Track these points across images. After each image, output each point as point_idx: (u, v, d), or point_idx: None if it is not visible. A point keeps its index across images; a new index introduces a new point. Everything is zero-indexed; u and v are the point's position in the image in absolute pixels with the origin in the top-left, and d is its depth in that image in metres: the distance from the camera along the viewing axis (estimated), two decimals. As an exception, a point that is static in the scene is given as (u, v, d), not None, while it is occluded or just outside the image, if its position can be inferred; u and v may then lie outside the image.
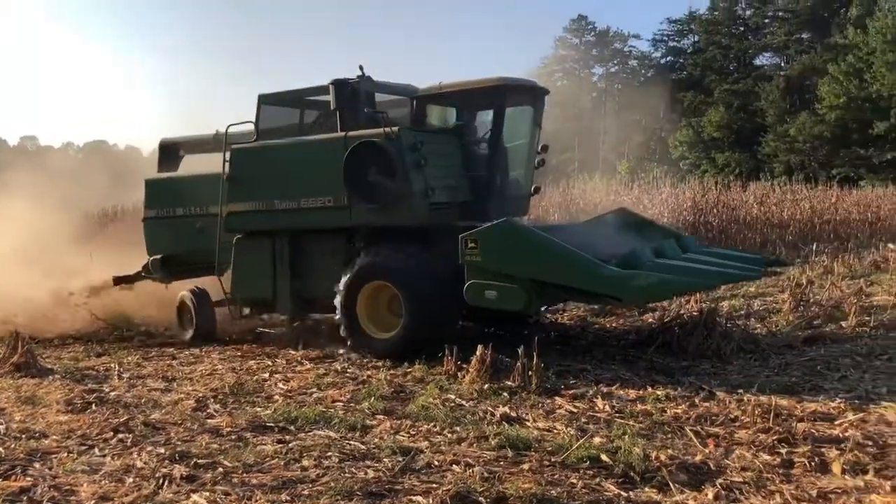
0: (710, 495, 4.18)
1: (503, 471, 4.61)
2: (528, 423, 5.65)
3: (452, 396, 6.42)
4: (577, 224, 10.11)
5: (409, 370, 7.55)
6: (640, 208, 18.43)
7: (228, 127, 9.79)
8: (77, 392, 7.03)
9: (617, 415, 5.81)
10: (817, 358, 7.39)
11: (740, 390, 6.22)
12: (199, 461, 4.91)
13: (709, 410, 5.79)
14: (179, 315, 10.38)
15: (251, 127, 9.56)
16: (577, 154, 45.94)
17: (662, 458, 4.66)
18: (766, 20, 51.10)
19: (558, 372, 7.12)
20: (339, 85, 8.61)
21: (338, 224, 8.73)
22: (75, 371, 8.19)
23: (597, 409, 6.00)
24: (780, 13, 50.02)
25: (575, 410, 5.98)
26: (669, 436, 5.29)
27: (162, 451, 5.13)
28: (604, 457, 4.72)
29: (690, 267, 7.81)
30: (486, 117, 9.04)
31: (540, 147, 9.47)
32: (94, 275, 11.84)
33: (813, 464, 4.59)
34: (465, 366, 7.06)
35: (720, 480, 4.36)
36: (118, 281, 11.43)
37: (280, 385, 7.22)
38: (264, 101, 9.60)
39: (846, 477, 4.39)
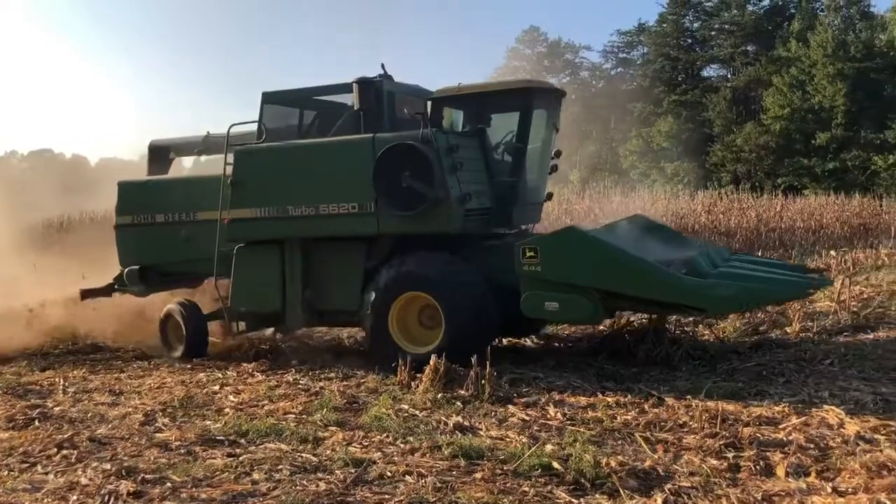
0: (660, 501, 4.24)
1: (456, 480, 4.62)
2: (481, 432, 5.68)
3: (406, 407, 6.41)
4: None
5: (363, 381, 7.52)
6: (591, 217, 18.71)
7: (231, 127, 9.13)
8: (19, 408, 6.86)
9: (568, 422, 5.87)
10: (763, 363, 7.54)
11: (688, 396, 6.33)
12: (147, 476, 4.82)
13: (658, 416, 5.88)
14: (164, 330, 9.48)
15: (253, 127, 9.01)
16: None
17: (613, 464, 4.71)
18: (713, 33, 52.14)
19: (511, 380, 7.15)
20: (364, 84, 8.21)
21: (363, 232, 8.19)
22: (17, 386, 7.96)
23: (549, 416, 6.05)
24: (726, 26, 51.09)
25: (527, 418, 6.02)
26: (620, 442, 5.36)
27: (108, 466, 5.02)
28: (555, 464, 4.76)
29: (762, 276, 7.59)
30: (499, 121, 8.69)
31: (554, 152, 9.20)
32: (38, 287, 11.46)
33: (758, 467, 4.69)
34: (418, 375, 7.06)
35: (669, 486, 4.43)
36: (87, 294, 10.50)
37: (231, 397, 7.13)
38: (268, 99, 9.05)
39: (790, 480, 4.50)
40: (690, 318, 9.40)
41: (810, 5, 46.43)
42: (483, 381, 6.63)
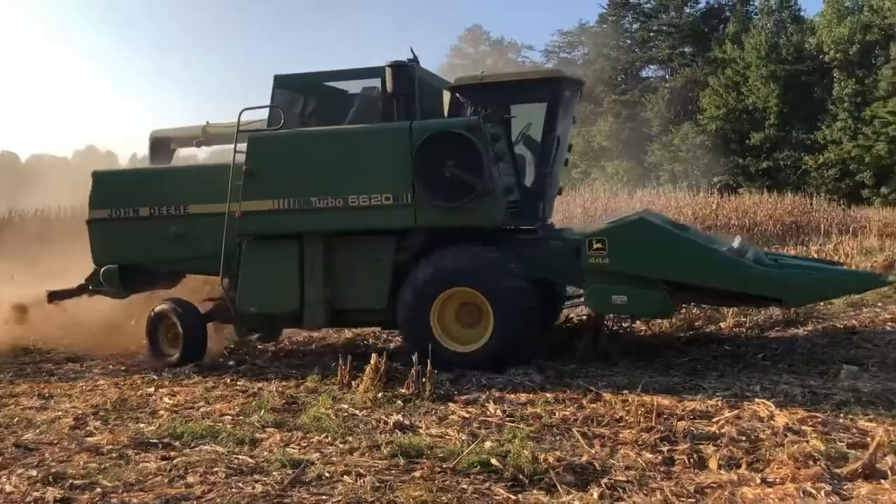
0: (596, 495, 4.28)
1: (395, 479, 4.59)
2: (421, 431, 5.66)
3: (345, 406, 6.35)
4: None
5: (302, 381, 7.43)
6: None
7: (242, 112, 8.45)
8: (-60, 414, 6.58)
9: (508, 419, 5.89)
10: (697, 358, 7.72)
11: (625, 391, 6.41)
12: (76, 482, 4.68)
13: (596, 412, 5.95)
14: (153, 334, 8.66)
15: (262, 114, 8.49)
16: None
17: (550, 460, 4.75)
18: (652, 34, 53.14)
19: (453, 378, 7.16)
20: (399, 68, 7.80)
21: (398, 225, 7.72)
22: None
23: (489, 413, 6.06)
24: (665, 28, 52.14)
25: (467, 416, 6.02)
26: (558, 438, 5.41)
27: (34, 473, 4.85)
28: (494, 461, 4.77)
29: (827, 268, 7.59)
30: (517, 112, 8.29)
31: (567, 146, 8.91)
32: None
33: (692, 460, 4.78)
34: (359, 375, 7.02)
35: (605, 480, 4.48)
36: (54, 296, 9.60)
37: (166, 399, 6.96)
38: (280, 83, 8.50)
39: (721, 472, 4.60)
40: (627, 315, 9.55)
41: (745, 8, 47.77)
42: (424, 380, 6.62)
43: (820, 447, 4.79)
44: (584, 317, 8.71)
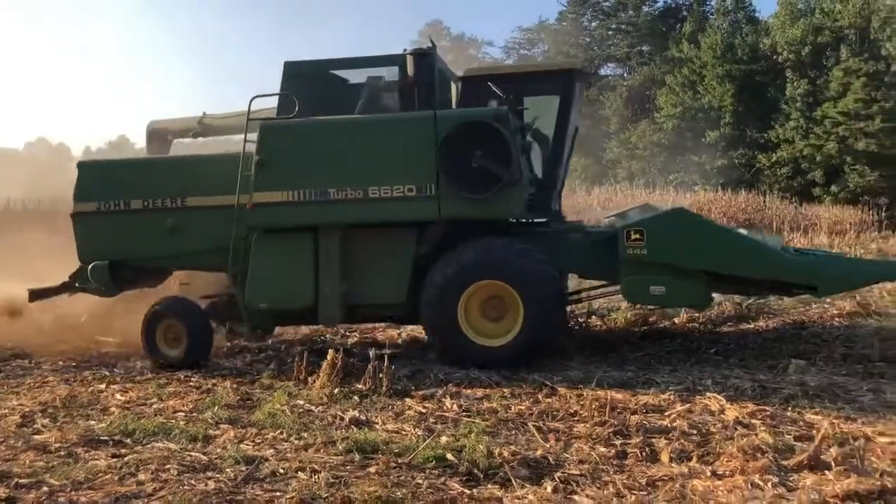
0: (549, 489, 4.32)
1: (349, 475, 4.58)
2: (378, 426, 5.65)
3: (301, 402, 6.32)
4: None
5: (257, 377, 7.36)
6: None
7: (253, 99, 8.14)
8: None
9: (464, 414, 5.91)
10: (651, 353, 7.84)
11: (580, 385, 6.48)
12: (21, 481, 4.58)
13: (551, 406, 6.00)
14: (149, 333, 8.13)
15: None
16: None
17: (505, 454, 4.78)
18: (610, 32, 53.70)
19: (410, 373, 7.16)
20: (421, 56, 7.69)
21: (421, 217, 7.54)
22: None
23: (445, 408, 6.08)
24: (623, 26, 52.71)
25: (424, 411, 6.03)
26: (513, 432, 5.44)
27: (-22, 472, 4.74)
28: (449, 456, 4.78)
29: (859, 259, 7.73)
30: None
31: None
32: None
33: (644, 454, 4.85)
34: (316, 371, 6.98)
35: (559, 474, 4.52)
36: (36, 295, 8.99)
37: (118, 396, 6.85)
38: (291, 70, 8.21)
39: (673, 465, 4.67)
40: (584, 310, 9.66)
41: (701, 8, 48.47)
42: (381, 375, 6.60)
43: (768, 440, 4.89)
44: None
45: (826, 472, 4.37)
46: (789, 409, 5.71)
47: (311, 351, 7.33)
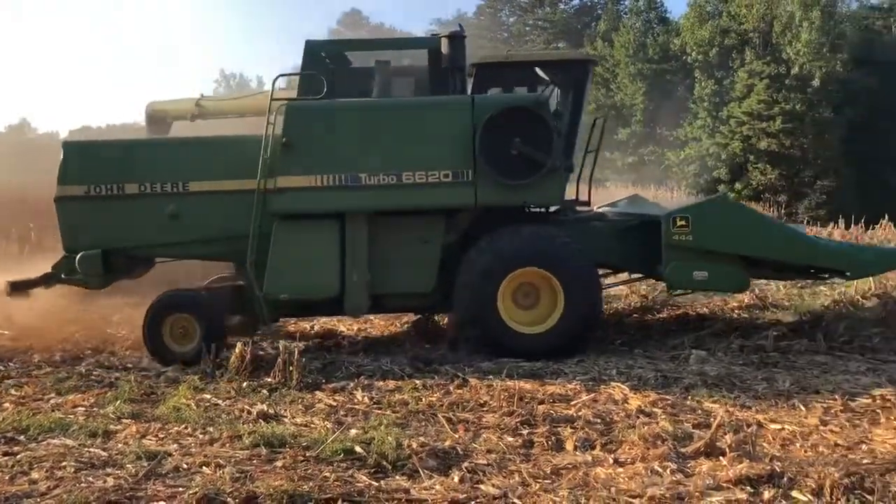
0: (456, 479, 4.36)
1: (255, 469, 4.51)
2: (286, 420, 5.59)
3: (208, 396, 6.19)
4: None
5: (163, 371, 7.16)
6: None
7: (276, 78, 7.80)
8: None
9: (375, 406, 5.91)
10: (561, 344, 7.95)
11: (491, 376, 6.56)
12: None
13: (461, 397, 6.05)
14: (155, 328, 7.54)
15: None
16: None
17: (414, 445, 4.80)
18: (528, 28, 54.42)
19: (321, 366, 7.10)
20: (456, 39, 7.55)
21: (457, 203, 7.41)
22: None
23: (356, 401, 6.05)
24: (540, 22, 53.49)
25: (334, 404, 5.99)
26: (423, 423, 5.47)
27: None
28: (358, 448, 4.77)
29: (877, 247, 8.23)
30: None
31: None
32: None
33: (550, 443, 4.95)
34: (224, 364, 6.84)
35: (466, 464, 4.57)
36: (16, 287, 8.11)
37: (12, 391, 6.55)
38: (312, 49, 7.94)
39: (577, 453, 4.79)
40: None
41: (615, 7, 49.59)
42: (291, 368, 6.52)
43: (668, 428, 5.07)
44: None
45: (721, 458, 4.57)
46: (689, 397, 5.93)
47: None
